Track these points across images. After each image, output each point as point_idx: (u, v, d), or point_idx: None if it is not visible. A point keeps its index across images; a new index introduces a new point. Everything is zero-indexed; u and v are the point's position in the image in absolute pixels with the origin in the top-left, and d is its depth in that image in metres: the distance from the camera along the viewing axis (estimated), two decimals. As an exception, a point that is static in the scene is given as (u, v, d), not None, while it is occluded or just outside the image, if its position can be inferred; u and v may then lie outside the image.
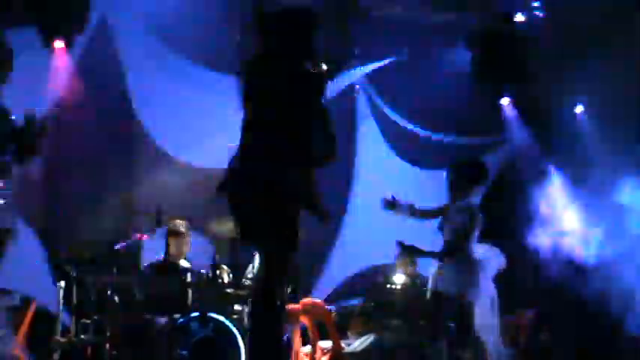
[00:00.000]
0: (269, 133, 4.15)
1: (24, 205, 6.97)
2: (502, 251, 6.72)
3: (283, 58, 4.33)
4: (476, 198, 6.75)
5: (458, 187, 6.66)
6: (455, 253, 6.44)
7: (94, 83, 8.36)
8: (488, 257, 6.67)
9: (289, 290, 7.25)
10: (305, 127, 4.19)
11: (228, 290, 6.73)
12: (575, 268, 8.55)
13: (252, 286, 5.93)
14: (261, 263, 4.27)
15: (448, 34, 9.43)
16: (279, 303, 4.02)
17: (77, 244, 8.03)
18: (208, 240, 7.49)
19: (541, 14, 9.27)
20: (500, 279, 6.72)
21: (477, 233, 6.53)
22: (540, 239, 8.71)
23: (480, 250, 6.47)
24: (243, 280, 7.31)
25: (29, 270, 7.95)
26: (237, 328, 6.22)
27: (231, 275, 7.17)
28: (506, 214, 9.02)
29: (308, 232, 5.50)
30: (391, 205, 6.42)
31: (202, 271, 6.84)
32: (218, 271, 6.71)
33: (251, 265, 7.34)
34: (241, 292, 6.85)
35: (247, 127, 4.28)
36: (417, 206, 6.73)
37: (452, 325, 6.26)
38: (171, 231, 7.26)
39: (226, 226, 6.29)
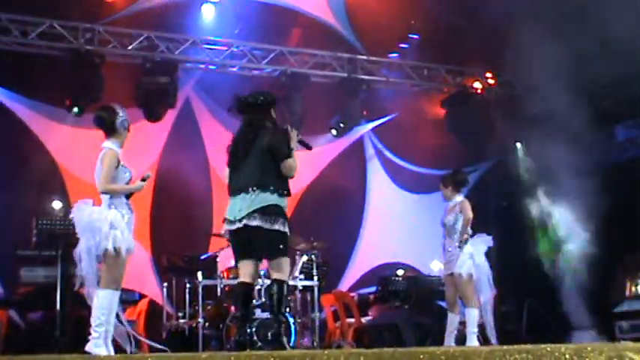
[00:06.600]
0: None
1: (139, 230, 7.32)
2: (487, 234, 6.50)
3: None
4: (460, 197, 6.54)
5: (446, 188, 6.50)
6: (461, 244, 6.27)
7: (181, 145, 8.82)
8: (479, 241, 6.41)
9: (323, 283, 7.54)
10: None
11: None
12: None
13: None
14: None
15: (428, 98, 9.84)
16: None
17: (175, 256, 8.12)
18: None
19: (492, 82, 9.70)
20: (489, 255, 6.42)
21: (470, 219, 6.32)
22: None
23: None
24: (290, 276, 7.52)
25: (143, 275, 8.36)
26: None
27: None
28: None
29: (335, 242, 5.72)
30: None
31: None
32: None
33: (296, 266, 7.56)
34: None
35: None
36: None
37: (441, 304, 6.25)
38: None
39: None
